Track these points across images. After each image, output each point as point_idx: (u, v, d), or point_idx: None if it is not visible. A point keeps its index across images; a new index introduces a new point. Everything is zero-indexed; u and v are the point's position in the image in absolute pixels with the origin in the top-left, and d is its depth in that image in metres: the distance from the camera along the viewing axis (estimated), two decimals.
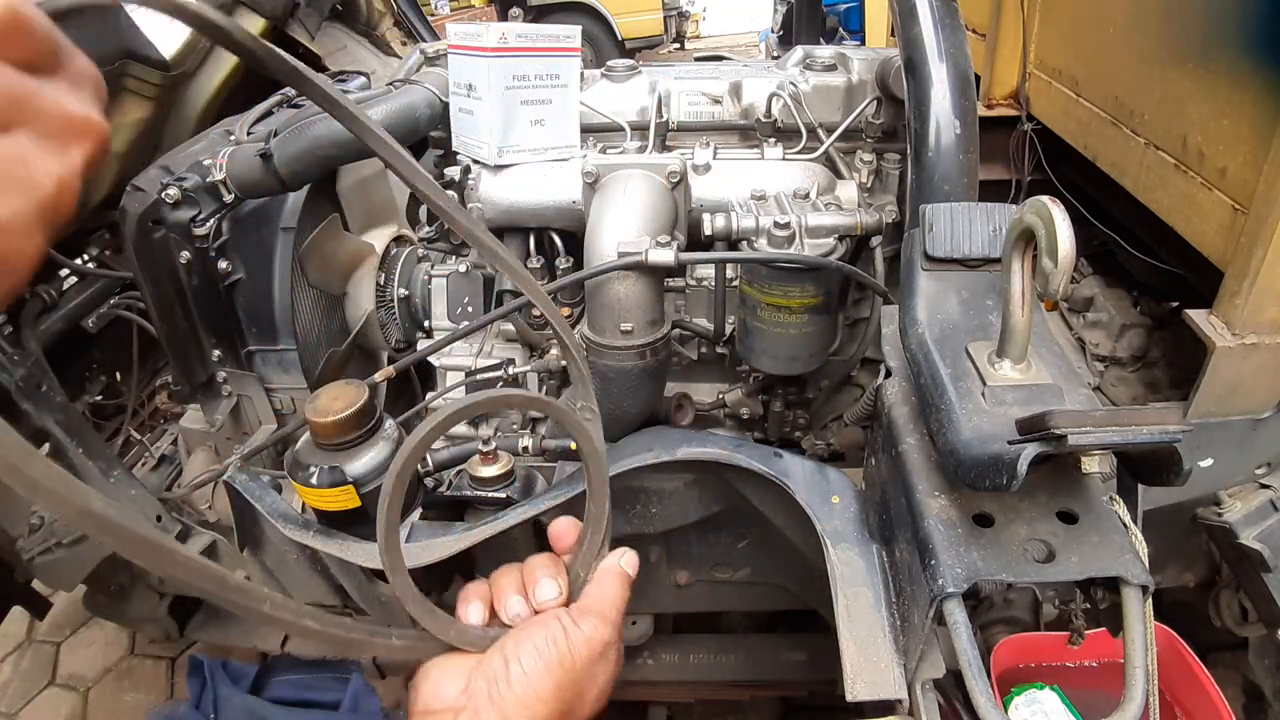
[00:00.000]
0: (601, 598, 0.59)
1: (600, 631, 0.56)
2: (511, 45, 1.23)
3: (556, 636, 0.54)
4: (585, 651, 0.54)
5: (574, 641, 0.54)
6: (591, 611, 0.57)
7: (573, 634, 0.54)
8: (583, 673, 0.54)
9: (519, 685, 0.51)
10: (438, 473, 1.23)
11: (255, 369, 1.38)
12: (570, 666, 0.53)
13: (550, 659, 0.52)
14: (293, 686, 1.81)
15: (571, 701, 0.53)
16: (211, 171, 1.26)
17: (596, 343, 1.14)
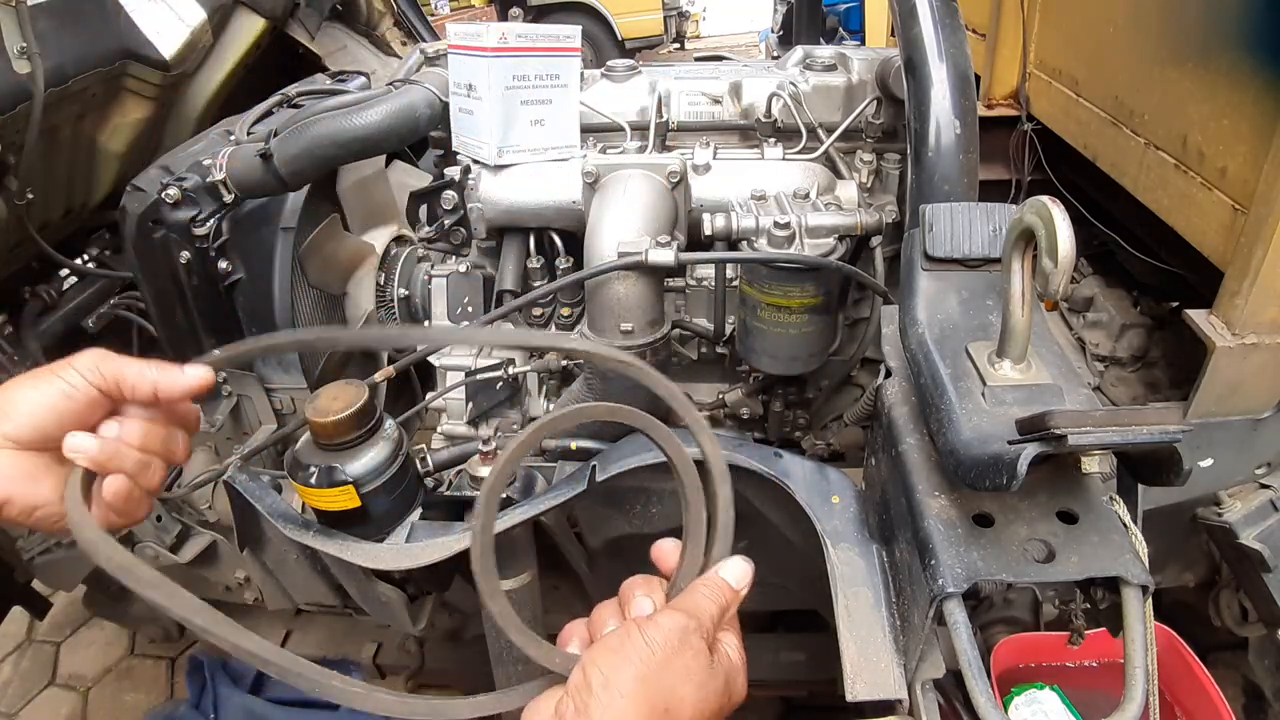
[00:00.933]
0: (685, 600, 0.57)
1: (676, 621, 0.53)
2: (511, 45, 1.23)
3: (630, 631, 0.52)
4: (661, 641, 0.52)
5: (649, 634, 0.52)
6: (669, 608, 0.55)
7: (647, 628, 0.52)
8: (664, 662, 0.51)
9: (600, 687, 0.49)
10: (438, 473, 1.23)
11: (255, 369, 1.38)
12: (648, 657, 0.51)
13: (626, 653, 0.51)
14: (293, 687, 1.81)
15: (661, 695, 0.51)
16: (211, 171, 1.26)
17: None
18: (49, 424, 0.58)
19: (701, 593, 0.57)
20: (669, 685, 0.51)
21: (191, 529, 1.43)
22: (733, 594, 0.59)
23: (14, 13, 1.29)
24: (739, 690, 0.57)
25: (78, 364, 0.59)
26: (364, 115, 1.28)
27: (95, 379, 0.59)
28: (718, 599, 0.58)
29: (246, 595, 1.52)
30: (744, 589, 0.61)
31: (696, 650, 0.53)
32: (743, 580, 0.61)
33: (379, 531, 1.07)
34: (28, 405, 0.58)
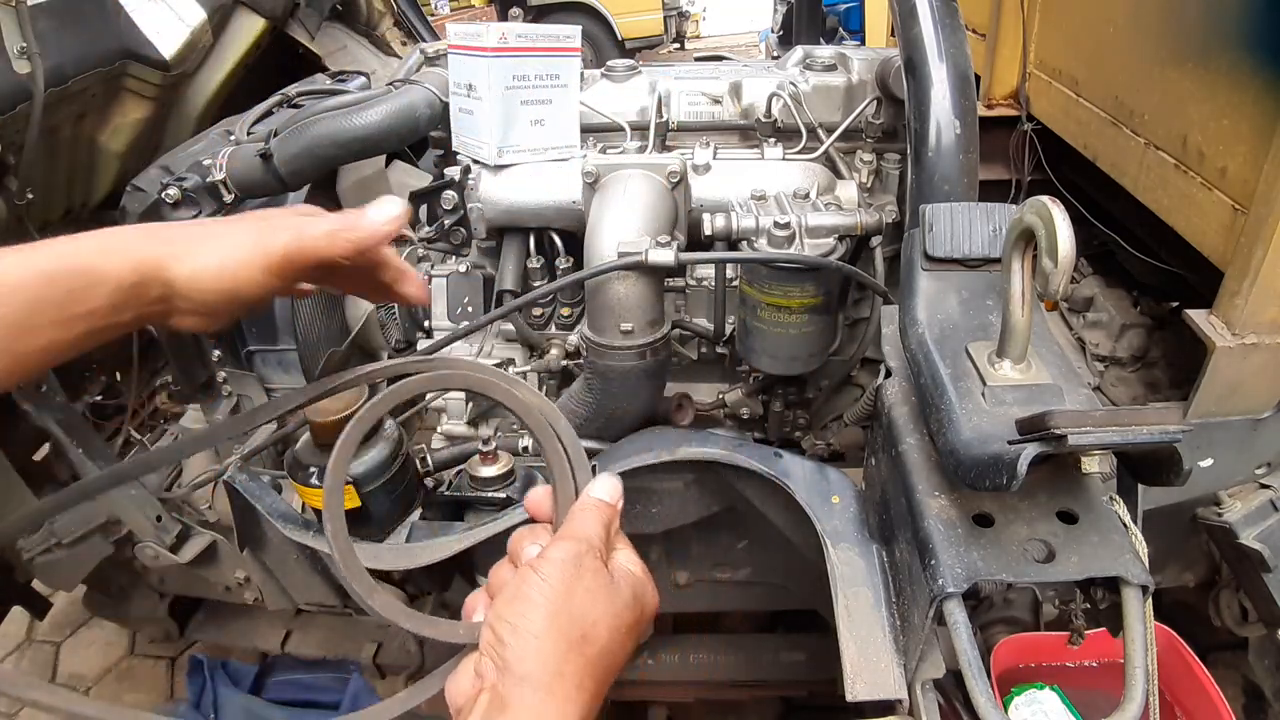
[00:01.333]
0: (566, 529, 0.56)
1: (566, 550, 0.53)
2: (511, 45, 1.23)
3: (525, 576, 0.51)
4: (557, 574, 0.51)
5: (543, 571, 0.51)
6: (556, 540, 0.55)
7: (540, 566, 0.51)
8: (566, 592, 0.50)
9: (510, 636, 0.48)
10: (438, 473, 1.23)
11: (255, 369, 1.38)
12: (551, 593, 0.50)
13: (528, 595, 0.50)
14: (293, 686, 1.81)
15: (573, 623, 0.50)
16: (211, 171, 1.26)
17: (596, 343, 1.14)
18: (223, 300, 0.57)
19: (579, 517, 0.57)
20: (578, 612, 0.50)
21: (191, 529, 1.43)
22: (610, 509, 0.59)
23: (14, 13, 1.28)
24: (650, 601, 0.57)
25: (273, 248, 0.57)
26: (364, 115, 1.28)
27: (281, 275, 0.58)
28: (597, 517, 0.57)
29: (246, 595, 1.52)
30: (618, 501, 0.60)
31: (594, 570, 0.53)
32: (614, 493, 0.60)
33: (379, 531, 1.08)
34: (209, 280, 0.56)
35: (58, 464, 1.48)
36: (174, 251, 0.55)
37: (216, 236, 0.57)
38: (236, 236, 0.57)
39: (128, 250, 0.54)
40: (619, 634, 0.52)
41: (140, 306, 0.55)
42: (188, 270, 0.55)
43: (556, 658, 0.48)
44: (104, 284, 0.53)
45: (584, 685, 0.49)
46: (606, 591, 0.53)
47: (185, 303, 0.56)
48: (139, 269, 0.54)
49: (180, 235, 0.57)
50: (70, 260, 0.52)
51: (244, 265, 0.56)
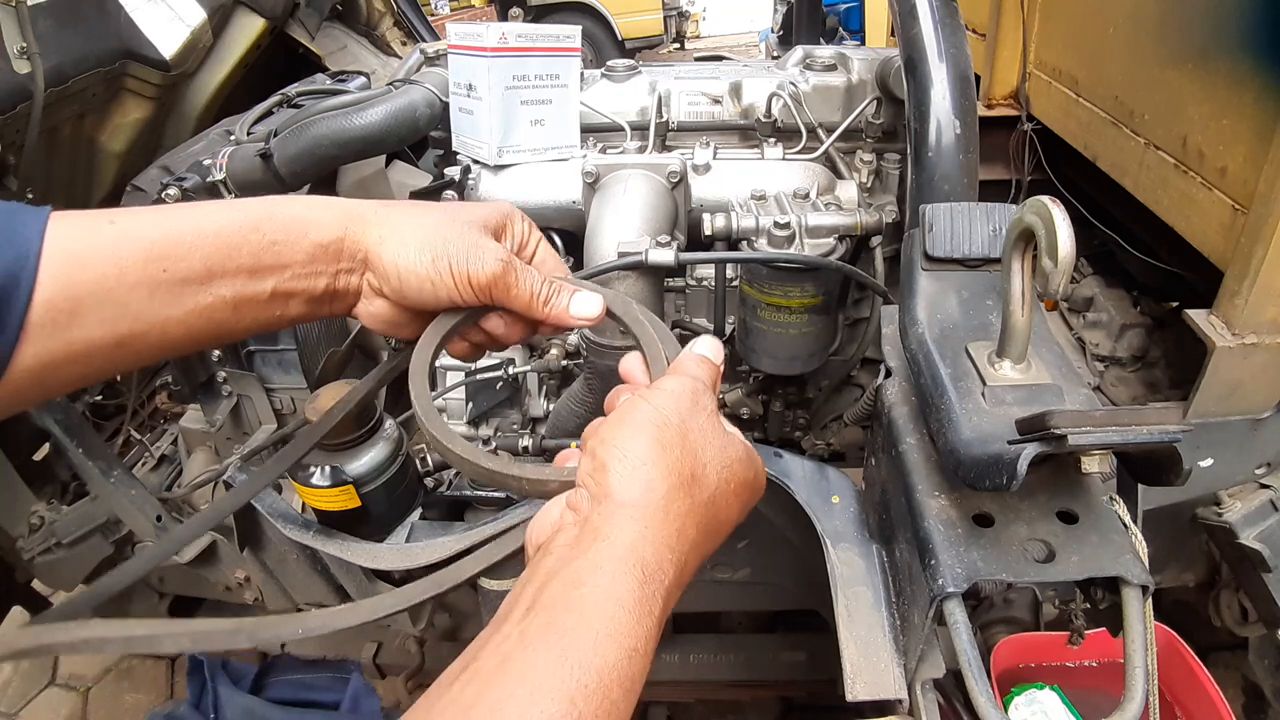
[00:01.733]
0: (675, 371, 0.51)
1: (681, 383, 0.48)
2: (511, 45, 1.23)
3: (635, 403, 0.46)
4: (671, 404, 0.46)
5: (656, 400, 0.46)
6: (669, 375, 0.50)
7: (651, 395, 0.46)
8: (680, 425, 0.45)
9: (616, 461, 0.43)
10: (438, 473, 1.23)
11: (255, 369, 1.38)
12: (662, 422, 0.45)
13: (638, 422, 0.45)
14: (293, 686, 1.81)
15: (685, 457, 0.45)
16: (211, 171, 1.26)
17: (596, 343, 1.14)
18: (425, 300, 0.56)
19: (688, 362, 0.52)
20: (691, 448, 0.45)
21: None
22: (714, 367, 0.54)
23: (14, 13, 1.29)
24: (763, 470, 0.52)
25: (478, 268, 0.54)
26: (364, 115, 1.28)
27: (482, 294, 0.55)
28: (706, 369, 0.52)
29: (246, 595, 1.52)
30: (721, 361, 0.55)
31: (709, 411, 0.48)
32: (718, 352, 0.55)
33: (379, 531, 1.07)
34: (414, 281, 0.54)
35: (58, 464, 1.48)
36: (381, 224, 0.54)
37: (431, 227, 0.55)
38: (451, 232, 0.55)
39: (338, 209, 0.53)
40: (729, 485, 0.47)
41: (335, 270, 0.53)
42: (391, 246, 0.53)
43: (664, 489, 0.43)
44: (307, 237, 0.52)
45: (686, 532, 0.44)
46: (720, 437, 0.48)
47: (380, 279, 0.54)
48: (345, 228, 0.53)
49: (400, 211, 0.55)
50: (281, 209, 0.52)
51: (450, 265, 0.54)
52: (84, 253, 0.46)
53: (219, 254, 0.50)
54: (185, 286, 0.49)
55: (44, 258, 0.45)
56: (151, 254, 0.48)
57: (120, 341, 0.48)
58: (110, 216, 0.49)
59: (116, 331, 0.48)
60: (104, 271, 0.47)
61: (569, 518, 0.44)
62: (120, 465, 1.36)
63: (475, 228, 0.56)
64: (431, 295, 0.55)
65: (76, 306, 0.46)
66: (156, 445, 1.62)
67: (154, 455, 1.60)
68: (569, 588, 0.39)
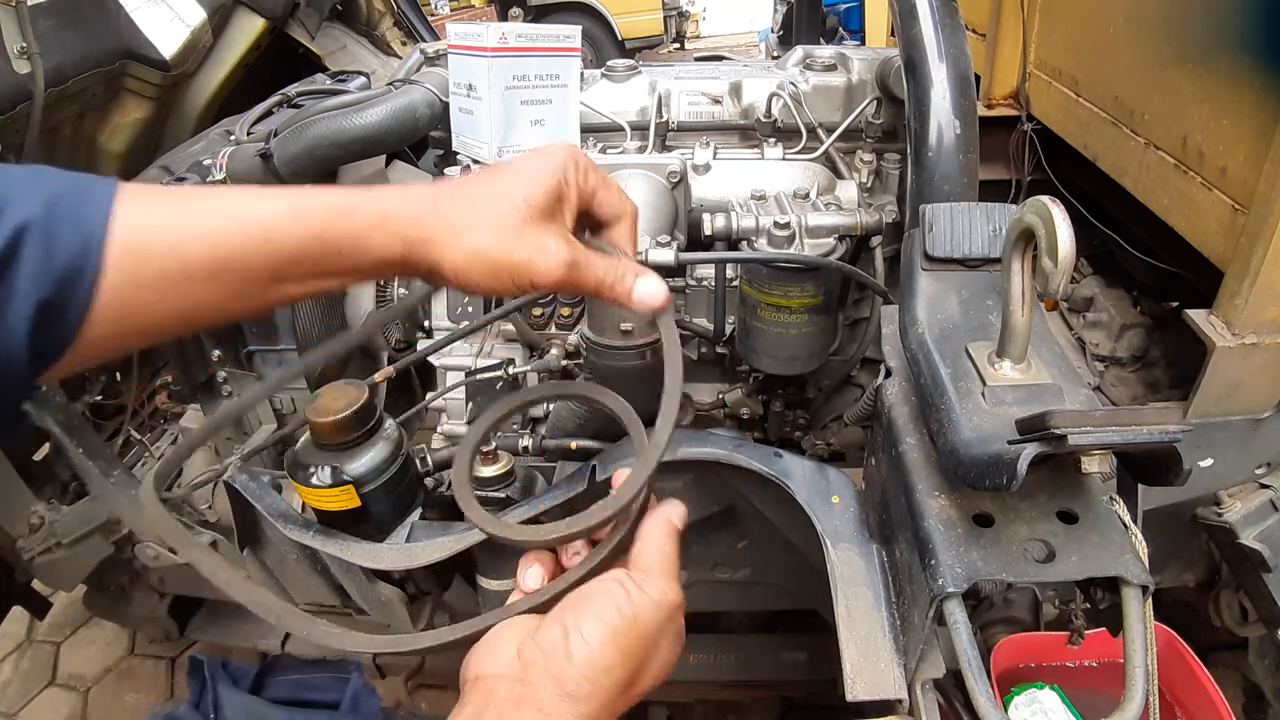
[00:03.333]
0: (661, 555, 0.54)
1: (668, 594, 0.51)
2: (511, 45, 1.23)
3: (621, 603, 0.49)
4: (653, 617, 0.50)
5: (640, 607, 0.49)
6: (655, 573, 0.52)
7: (638, 599, 0.50)
8: (648, 640, 0.50)
9: (580, 656, 0.47)
10: (438, 473, 1.23)
11: (255, 369, 1.38)
12: (637, 635, 0.49)
13: (616, 627, 0.48)
14: (293, 686, 1.81)
15: (637, 670, 0.49)
16: (211, 171, 1.26)
17: (596, 343, 1.14)
18: None
19: (670, 546, 0.55)
20: (646, 660, 0.50)
21: (191, 529, 1.43)
22: (680, 537, 0.57)
23: (14, 13, 1.29)
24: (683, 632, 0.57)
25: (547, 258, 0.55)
26: (364, 115, 1.28)
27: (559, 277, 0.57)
28: (678, 547, 0.56)
29: None
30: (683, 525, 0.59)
31: (677, 626, 0.53)
32: (683, 522, 0.58)
33: (379, 531, 1.07)
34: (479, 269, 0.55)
35: (58, 464, 1.48)
36: (445, 234, 0.54)
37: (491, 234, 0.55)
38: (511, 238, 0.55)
39: (400, 230, 0.54)
40: (658, 680, 0.52)
41: (404, 274, 0.57)
42: (460, 256, 0.54)
43: (607, 694, 0.47)
44: (371, 254, 0.53)
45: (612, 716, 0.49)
46: (673, 647, 0.53)
47: (451, 279, 0.56)
48: (408, 247, 0.54)
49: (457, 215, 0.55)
50: (344, 224, 0.53)
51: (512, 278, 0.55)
52: (150, 245, 0.48)
53: (285, 263, 0.51)
54: (251, 286, 0.52)
55: (109, 247, 0.46)
56: (215, 255, 0.50)
57: (184, 319, 0.52)
58: (176, 204, 0.50)
59: (181, 311, 0.51)
60: (167, 266, 0.48)
61: (515, 668, 0.48)
62: (120, 465, 1.36)
63: (534, 223, 0.56)
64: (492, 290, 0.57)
65: (140, 295, 0.48)
66: (156, 445, 1.62)
67: (154, 455, 1.60)
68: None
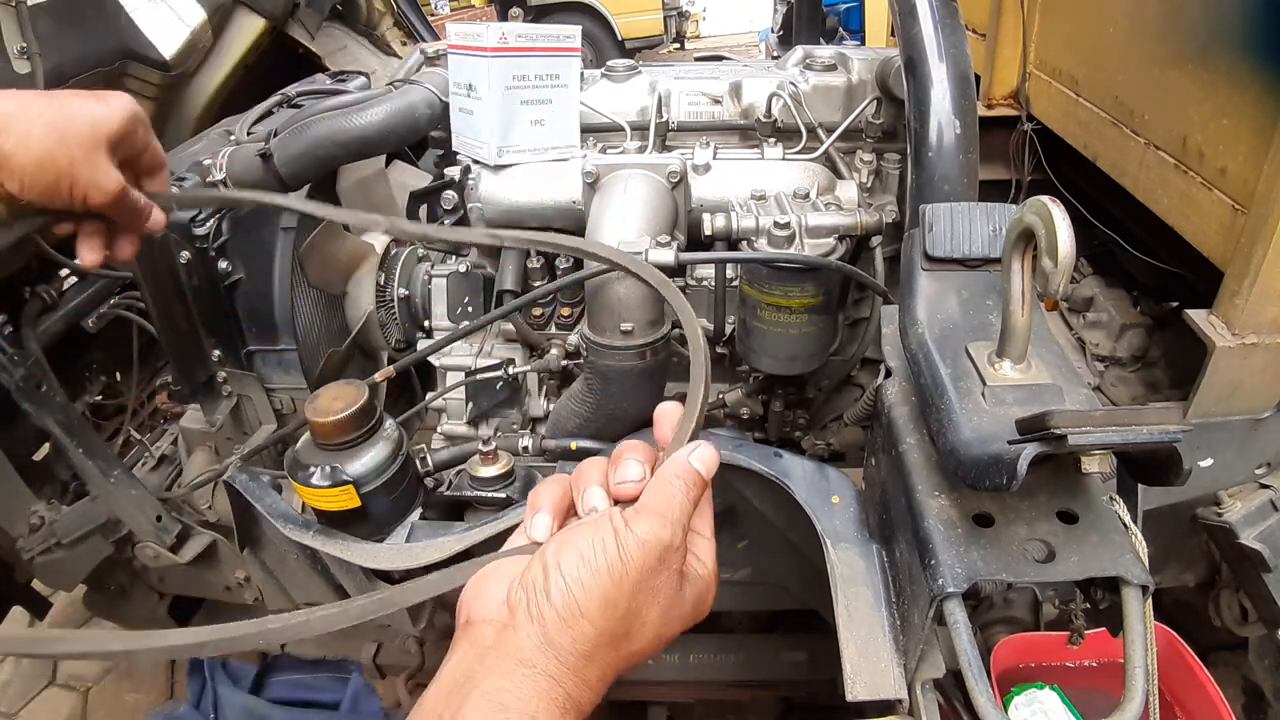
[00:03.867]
0: (661, 495, 0.50)
1: (657, 533, 0.47)
2: (511, 45, 1.23)
3: (605, 539, 0.46)
4: (638, 558, 0.46)
5: (626, 545, 0.46)
6: (648, 511, 0.49)
7: (624, 537, 0.47)
8: (636, 584, 0.46)
9: (559, 598, 0.45)
10: (438, 473, 1.23)
11: (255, 369, 1.38)
12: (620, 576, 0.46)
13: (597, 566, 0.46)
14: (293, 686, 1.81)
15: (625, 619, 0.46)
16: (211, 171, 1.26)
17: (596, 343, 1.13)
18: None
19: (674, 489, 0.51)
20: (635, 607, 0.47)
21: (191, 529, 1.43)
22: (704, 483, 0.53)
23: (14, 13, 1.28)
24: (708, 602, 0.53)
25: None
26: (364, 115, 1.28)
27: None
28: (692, 495, 0.52)
29: (246, 595, 1.52)
30: (711, 475, 0.55)
31: (672, 570, 0.49)
32: (712, 467, 0.54)
33: (379, 531, 1.07)
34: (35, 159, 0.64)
35: (58, 464, 1.48)
36: (22, 129, 0.63)
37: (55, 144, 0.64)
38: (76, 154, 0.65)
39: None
40: (659, 641, 0.50)
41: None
42: (30, 155, 0.63)
43: (594, 644, 0.45)
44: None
45: (605, 677, 0.47)
46: (671, 596, 0.49)
47: (10, 174, 0.63)
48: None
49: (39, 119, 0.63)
50: None
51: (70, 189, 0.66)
52: None
53: None
54: None
55: None
56: None
57: None
58: None
59: None
60: None
61: (503, 614, 0.47)
62: (120, 465, 1.36)
63: (103, 151, 0.67)
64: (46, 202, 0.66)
65: None
66: (156, 445, 1.62)
67: (154, 455, 1.60)
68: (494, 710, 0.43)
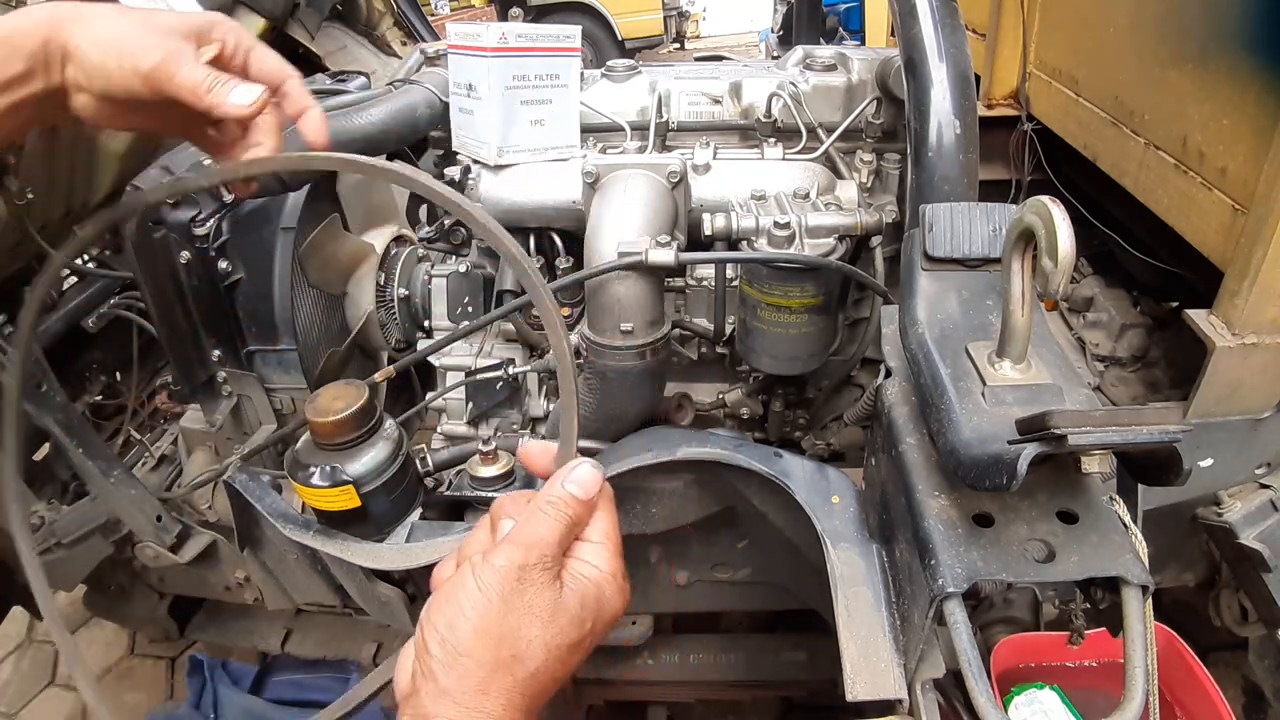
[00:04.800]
0: (521, 526, 0.51)
1: (511, 557, 0.49)
2: (511, 45, 1.23)
3: (464, 579, 0.48)
4: (496, 584, 0.47)
5: (482, 577, 0.48)
6: (505, 541, 0.50)
7: (479, 569, 0.48)
8: (502, 610, 0.47)
9: (438, 648, 0.46)
10: (438, 473, 1.23)
11: (255, 369, 1.38)
12: (484, 607, 0.47)
13: (460, 605, 0.47)
14: (293, 686, 1.82)
15: (504, 643, 0.47)
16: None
17: (596, 343, 1.14)
18: None
19: (540, 517, 0.52)
20: (511, 630, 0.47)
21: (191, 529, 1.43)
22: (580, 506, 0.53)
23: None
24: (610, 606, 0.52)
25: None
26: (364, 115, 1.28)
27: None
28: (561, 518, 0.52)
29: (246, 595, 1.52)
30: (593, 495, 0.54)
31: (539, 584, 0.49)
32: (589, 487, 0.54)
33: (379, 531, 1.08)
34: None
35: (58, 464, 1.48)
36: (89, 17, 0.61)
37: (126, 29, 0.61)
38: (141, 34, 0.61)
39: (37, 15, 0.60)
40: (558, 652, 0.49)
41: (47, 72, 0.60)
42: (97, 36, 0.60)
43: (481, 676, 0.46)
44: (22, 48, 0.58)
45: (512, 703, 0.47)
46: (549, 609, 0.49)
47: (82, 73, 0.60)
48: (48, 28, 0.60)
49: (97, 16, 0.61)
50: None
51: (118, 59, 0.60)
52: None
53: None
54: None
55: None
56: None
57: None
58: None
59: None
60: None
61: (410, 685, 0.48)
62: (120, 465, 1.36)
63: (173, 34, 0.62)
64: (118, 88, 0.61)
65: None
66: (156, 445, 1.62)
67: (154, 455, 1.60)
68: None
